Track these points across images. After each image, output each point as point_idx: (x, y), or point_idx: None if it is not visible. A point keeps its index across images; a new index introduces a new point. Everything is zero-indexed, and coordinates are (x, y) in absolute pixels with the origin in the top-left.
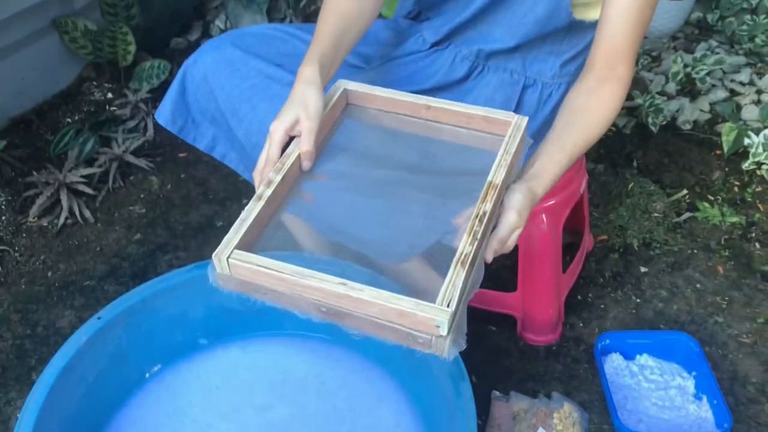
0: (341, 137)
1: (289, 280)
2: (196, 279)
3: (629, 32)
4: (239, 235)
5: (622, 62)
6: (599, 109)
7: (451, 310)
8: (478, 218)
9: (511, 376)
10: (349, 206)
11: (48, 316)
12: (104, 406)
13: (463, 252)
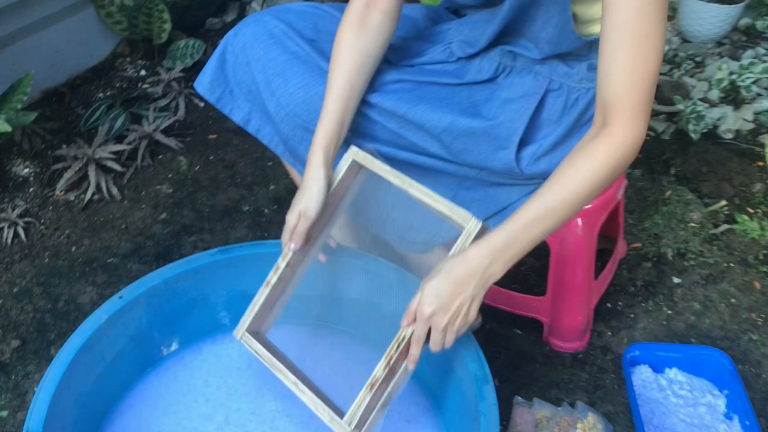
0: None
1: (269, 365)
2: (219, 263)
3: (624, 84)
4: (249, 318)
5: (616, 118)
6: (580, 170)
7: (350, 429)
8: (397, 343)
9: (535, 382)
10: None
11: (70, 291)
12: (121, 384)
13: (376, 375)
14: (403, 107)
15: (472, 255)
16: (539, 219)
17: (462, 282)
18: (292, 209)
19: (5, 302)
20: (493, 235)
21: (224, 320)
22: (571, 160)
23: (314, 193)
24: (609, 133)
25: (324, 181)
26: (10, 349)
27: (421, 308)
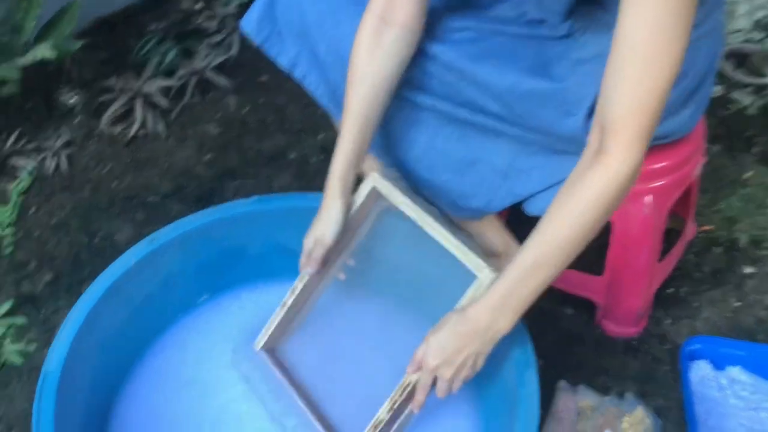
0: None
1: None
2: (258, 214)
3: (628, 105)
4: (264, 338)
5: (613, 142)
6: (573, 212)
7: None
8: (402, 389)
9: (582, 367)
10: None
11: (108, 228)
12: (149, 330)
13: (379, 418)
14: (463, 62)
15: (473, 313)
16: (535, 269)
17: (466, 338)
18: (308, 234)
19: (42, 233)
20: (491, 292)
21: (257, 272)
22: (563, 199)
23: (331, 221)
24: (604, 164)
25: (341, 211)
26: (43, 282)
27: (426, 360)
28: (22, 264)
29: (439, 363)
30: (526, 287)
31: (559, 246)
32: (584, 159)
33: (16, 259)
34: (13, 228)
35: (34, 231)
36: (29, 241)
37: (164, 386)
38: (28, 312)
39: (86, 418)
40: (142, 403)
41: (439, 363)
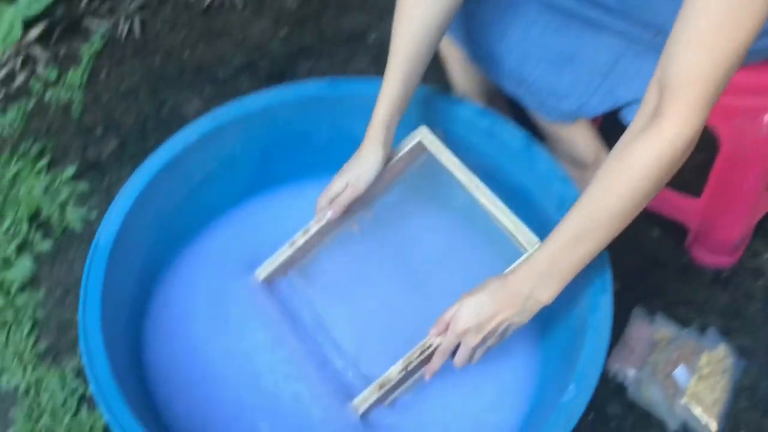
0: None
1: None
2: (328, 98)
3: (697, 62)
4: (267, 270)
5: (673, 105)
6: (621, 180)
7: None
8: (420, 350)
9: (663, 295)
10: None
11: (176, 98)
12: (207, 211)
13: (389, 377)
14: None
15: (515, 279)
16: (580, 238)
17: (504, 303)
18: (340, 174)
19: (111, 99)
20: (535, 259)
21: (322, 161)
22: (612, 164)
23: (368, 168)
24: (659, 128)
25: (381, 160)
26: (109, 149)
27: (456, 322)
28: (89, 129)
29: (471, 326)
30: (570, 257)
31: (607, 215)
32: (638, 120)
33: (83, 124)
34: (83, 91)
35: (103, 96)
36: (98, 106)
37: (211, 272)
38: (92, 178)
39: (135, 292)
40: (187, 286)
41: (469, 327)
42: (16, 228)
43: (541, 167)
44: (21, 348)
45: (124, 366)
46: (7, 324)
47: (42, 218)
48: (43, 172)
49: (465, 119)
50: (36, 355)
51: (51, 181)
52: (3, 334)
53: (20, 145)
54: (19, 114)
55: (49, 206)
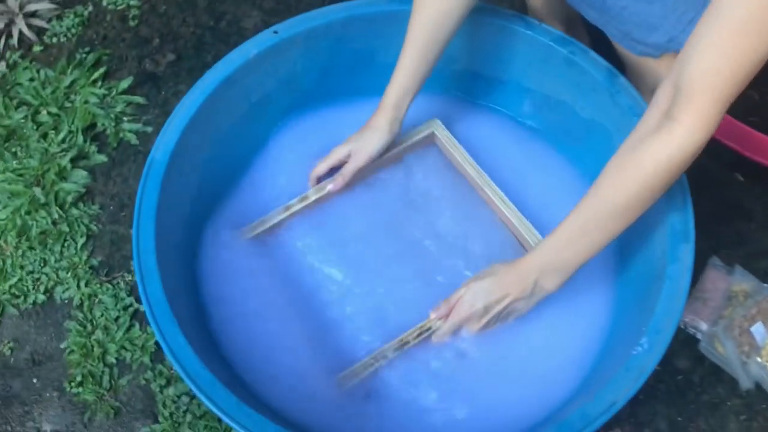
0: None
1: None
2: (397, 14)
3: (715, 65)
4: (256, 230)
5: (688, 107)
6: (629, 179)
7: (342, 388)
8: (418, 331)
9: (743, 245)
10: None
11: (234, 12)
12: (264, 131)
13: (383, 351)
14: None
15: (521, 267)
16: (585, 231)
17: (512, 288)
18: (345, 144)
19: (168, 9)
20: (541, 249)
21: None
22: (621, 161)
23: (372, 143)
24: (671, 131)
25: (386, 138)
26: (166, 61)
27: (461, 306)
28: (146, 40)
29: (478, 309)
30: (575, 249)
31: (613, 210)
32: (649, 118)
33: (140, 34)
34: (140, 0)
35: (160, 6)
36: (154, 16)
37: (269, 196)
38: (148, 91)
39: (190, 213)
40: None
41: (477, 309)
42: (71, 139)
43: (624, 102)
44: (75, 261)
45: (176, 287)
46: (61, 236)
47: (97, 130)
48: (98, 83)
49: (542, 45)
50: (90, 268)
51: (106, 93)
52: (58, 246)
53: (76, 53)
54: (75, 20)
55: (104, 118)
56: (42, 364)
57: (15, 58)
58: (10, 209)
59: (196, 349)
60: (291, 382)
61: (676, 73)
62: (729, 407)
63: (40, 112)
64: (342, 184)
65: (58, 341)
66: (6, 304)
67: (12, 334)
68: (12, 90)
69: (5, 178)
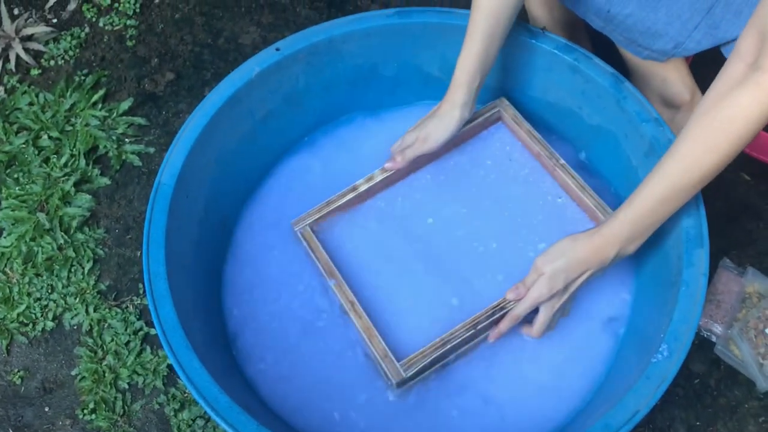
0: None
1: (323, 268)
2: (396, 28)
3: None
4: (318, 214)
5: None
6: (718, 135)
7: (403, 377)
8: (492, 310)
9: (754, 245)
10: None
11: (232, 28)
12: (269, 150)
13: (454, 334)
14: None
15: (600, 240)
16: (669, 198)
17: (591, 263)
18: (414, 127)
19: (165, 28)
20: (619, 223)
21: (390, 96)
22: (706, 119)
23: (443, 127)
24: (757, 83)
25: (458, 122)
26: (165, 81)
27: (540, 286)
28: (144, 60)
29: (558, 289)
30: (657, 216)
31: (700, 172)
32: (732, 72)
33: (138, 54)
34: (137, 20)
35: (157, 25)
36: (152, 35)
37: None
38: (149, 111)
39: (200, 234)
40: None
41: (558, 289)
42: (73, 163)
43: (631, 108)
44: (83, 286)
45: (190, 311)
46: (68, 261)
47: (99, 153)
48: (98, 105)
49: (547, 53)
50: (98, 293)
51: (107, 114)
52: (64, 272)
53: (74, 76)
54: (72, 42)
55: (106, 141)
56: (53, 392)
57: (13, 82)
58: (15, 236)
59: (214, 373)
60: (330, 393)
61: (760, 19)
62: (747, 410)
63: (40, 137)
64: (399, 165)
65: (68, 368)
66: (15, 332)
67: (22, 362)
68: (11, 115)
69: (8, 204)
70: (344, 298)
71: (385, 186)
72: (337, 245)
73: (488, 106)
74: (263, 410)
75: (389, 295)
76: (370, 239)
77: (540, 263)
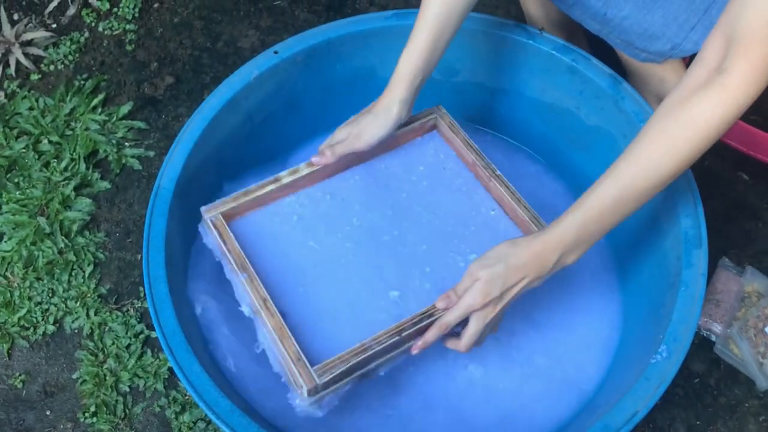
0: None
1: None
2: (394, 30)
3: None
4: (232, 204)
5: (741, 60)
6: (676, 139)
7: (311, 384)
8: (420, 317)
9: (753, 245)
10: None
11: (231, 32)
12: (269, 153)
13: (375, 340)
14: None
15: (541, 245)
16: (619, 204)
17: (528, 270)
18: (347, 123)
19: (164, 32)
20: (564, 227)
21: None
22: (666, 121)
23: (379, 124)
24: (723, 86)
25: (395, 120)
26: (164, 85)
27: (474, 294)
28: (143, 64)
29: (493, 298)
30: (606, 222)
31: (655, 177)
32: (694, 76)
33: (137, 58)
34: (136, 24)
35: (156, 29)
36: (151, 39)
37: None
38: (148, 115)
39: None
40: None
41: (492, 297)
42: (73, 167)
43: (629, 108)
44: (83, 290)
45: (189, 314)
46: (68, 265)
47: (99, 157)
48: (98, 109)
49: (545, 54)
50: (98, 297)
51: (107, 119)
52: (65, 276)
53: (74, 80)
54: (72, 47)
55: (105, 145)
56: (55, 396)
57: (13, 87)
58: (16, 240)
59: (214, 376)
60: None
61: (728, 25)
62: (747, 409)
63: (40, 141)
64: (327, 161)
65: (69, 372)
66: (16, 336)
67: (23, 366)
68: (11, 120)
69: (9, 209)
70: (256, 295)
71: (310, 182)
72: (251, 239)
73: (424, 112)
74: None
75: (306, 296)
76: (290, 236)
77: (475, 268)
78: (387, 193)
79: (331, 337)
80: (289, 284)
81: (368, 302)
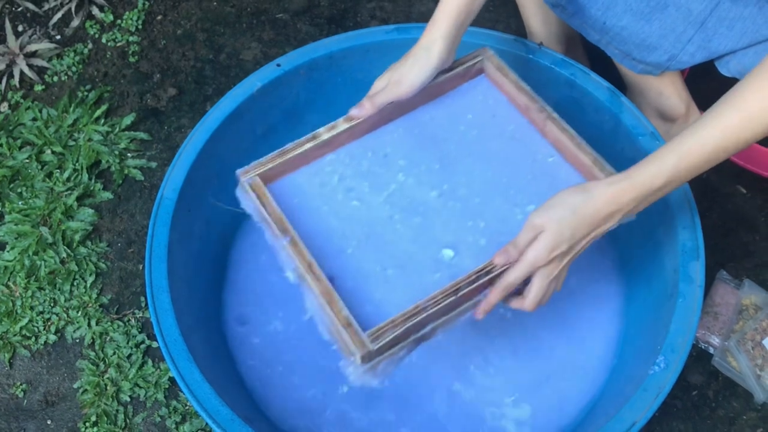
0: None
1: (275, 224)
2: (394, 43)
3: None
4: (271, 163)
5: None
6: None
7: (367, 350)
8: (477, 275)
9: (750, 257)
10: None
11: (233, 44)
12: None
13: (430, 301)
14: None
15: (619, 192)
16: (719, 151)
17: (601, 222)
18: (386, 71)
19: (168, 44)
20: (655, 169)
21: None
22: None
23: (419, 67)
24: None
25: (436, 61)
26: (167, 96)
27: (539, 248)
28: (146, 75)
29: (560, 253)
30: (696, 170)
31: (761, 128)
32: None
33: (140, 70)
34: (139, 36)
35: (159, 41)
36: (154, 51)
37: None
38: (151, 126)
39: (202, 246)
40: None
41: (559, 253)
42: (76, 178)
43: (627, 121)
44: (85, 300)
45: (190, 323)
46: (70, 275)
47: (102, 167)
48: (101, 120)
49: (544, 68)
50: (100, 306)
51: (110, 130)
52: (67, 285)
53: (77, 91)
54: (75, 59)
55: (108, 155)
56: (56, 405)
57: (17, 98)
58: (18, 250)
59: (216, 385)
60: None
61: None
62: (745, 421)
63: (44, 152)
64: (366, 112)
65: (70, 381)
66: (17, 345)
67: (24, 375)
68: (15, 130)
69: (12, 219)
70: (300, 259)
71: (350, 138)
72: (291, 202)
73: (469, 56)
74: (264, 422)
75: (353, 259)
76: (332, 197)
77: (537, 219)
78: (434, 145)
79: (382, 300)
80: (334, 247)
81: (420, 262)
